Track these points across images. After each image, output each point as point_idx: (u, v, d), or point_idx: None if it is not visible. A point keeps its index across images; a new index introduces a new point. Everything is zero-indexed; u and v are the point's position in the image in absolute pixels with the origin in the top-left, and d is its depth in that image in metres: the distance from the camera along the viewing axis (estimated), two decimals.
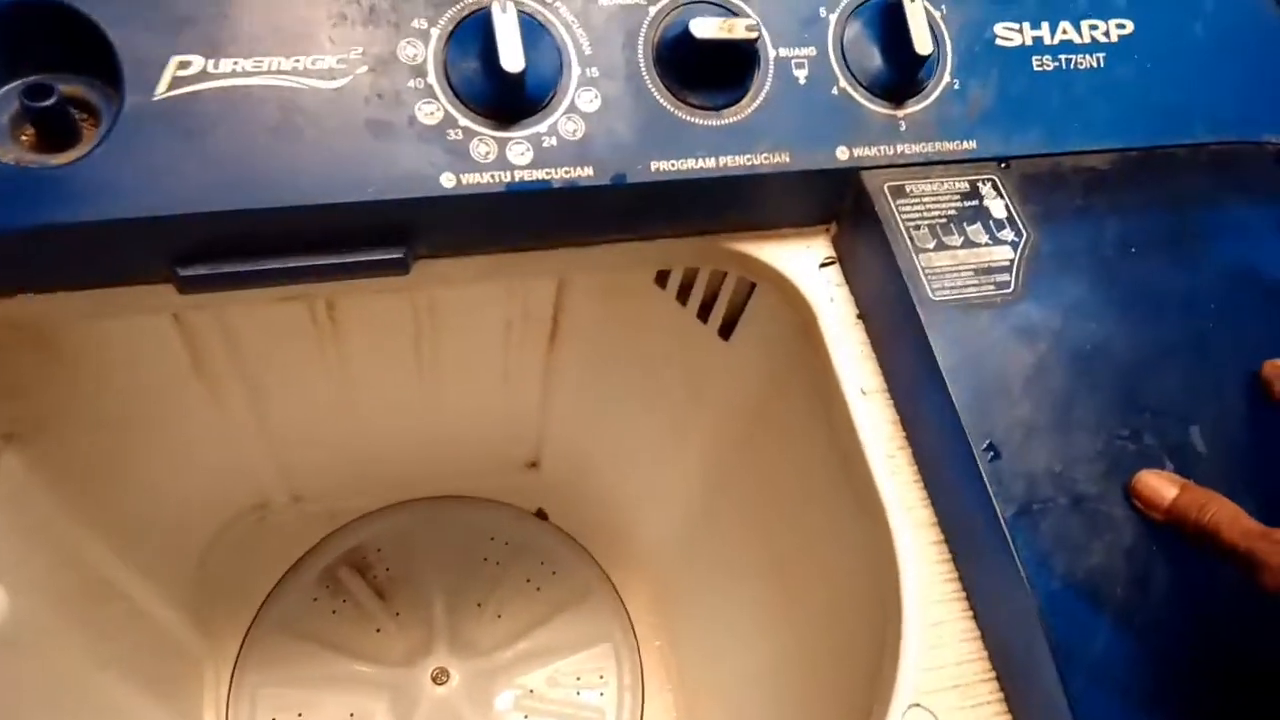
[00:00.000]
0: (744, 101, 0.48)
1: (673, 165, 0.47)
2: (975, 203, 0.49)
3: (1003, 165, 0.51)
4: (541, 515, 0.96)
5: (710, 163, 0.47)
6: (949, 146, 0.51)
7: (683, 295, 0.66)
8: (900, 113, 0.50)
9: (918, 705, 0.41)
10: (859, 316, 0.51)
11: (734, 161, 0.48)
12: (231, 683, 0.85)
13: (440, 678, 0.84)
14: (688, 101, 0.48)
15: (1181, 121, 0.54)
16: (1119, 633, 0.40)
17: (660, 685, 0.90)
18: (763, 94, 0.49)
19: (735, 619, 0.78)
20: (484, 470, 0.96)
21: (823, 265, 0.53)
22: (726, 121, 0.48)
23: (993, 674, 0.43)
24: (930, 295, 0.46)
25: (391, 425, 0.88)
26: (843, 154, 0.49)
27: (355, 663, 0.86)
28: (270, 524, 0.91)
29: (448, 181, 0.44)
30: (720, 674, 0.82)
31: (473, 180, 0.45)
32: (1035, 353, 0.45)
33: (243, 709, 0.83)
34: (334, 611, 0.89)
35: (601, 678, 0.89)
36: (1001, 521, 0.41)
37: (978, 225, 0.49)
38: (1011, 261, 0.48)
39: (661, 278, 0.67)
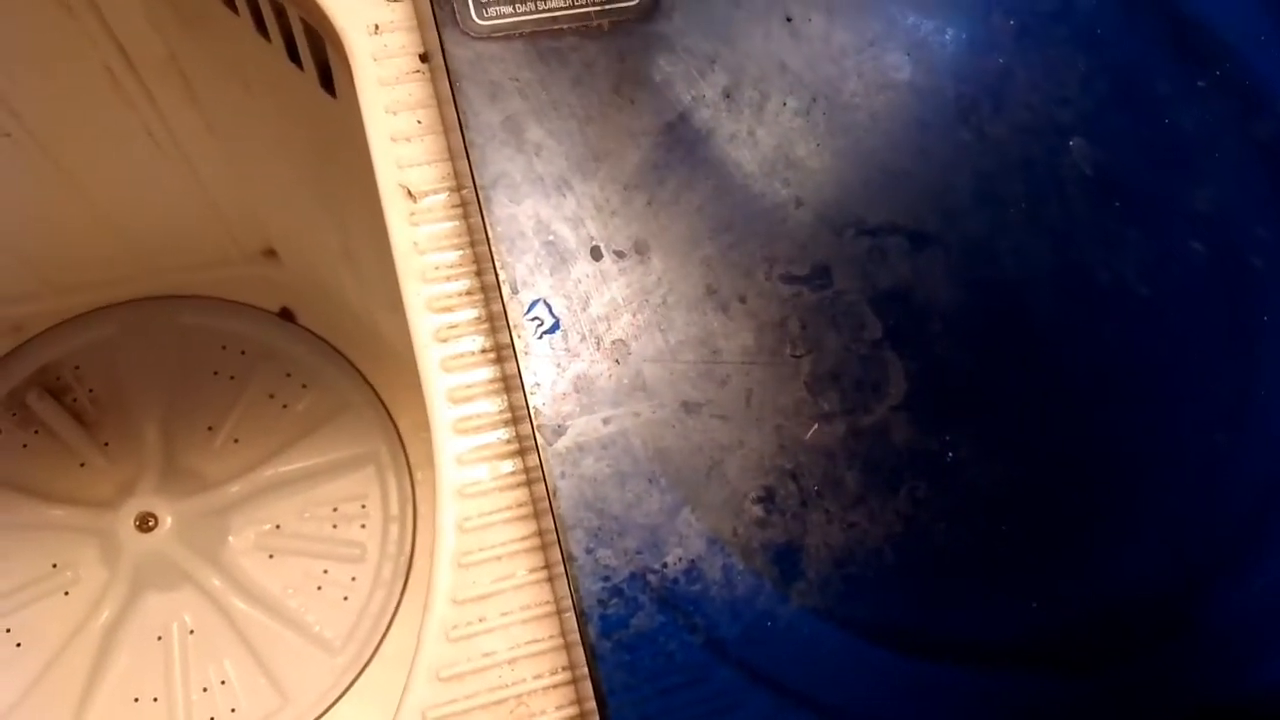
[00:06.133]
0: None
1: None
2: None
3: None
4: (286, 315, 0.78)
5: None
6: None
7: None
8: None
9: None
10: (423, 58, 0.29)
11: None
12: None
13: (147, 523, 0.69)
14: None
15: None
16: None
17: (434, 514, 0.76)
18: None
19: None
20: (208, 261, 0.76)
21: None
22: None
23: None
24: (473, 17, 0.25)
25: (72, 205, 0.67)
26: None
27: (52, 506, 0.71)
28: None
29: None
30: None
31: None
32: (669, 143, 0.25)
33: None
34: (24, 445, 0.72)
35: (363, 507, 0.75)
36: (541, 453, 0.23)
37: None
38: None
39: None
